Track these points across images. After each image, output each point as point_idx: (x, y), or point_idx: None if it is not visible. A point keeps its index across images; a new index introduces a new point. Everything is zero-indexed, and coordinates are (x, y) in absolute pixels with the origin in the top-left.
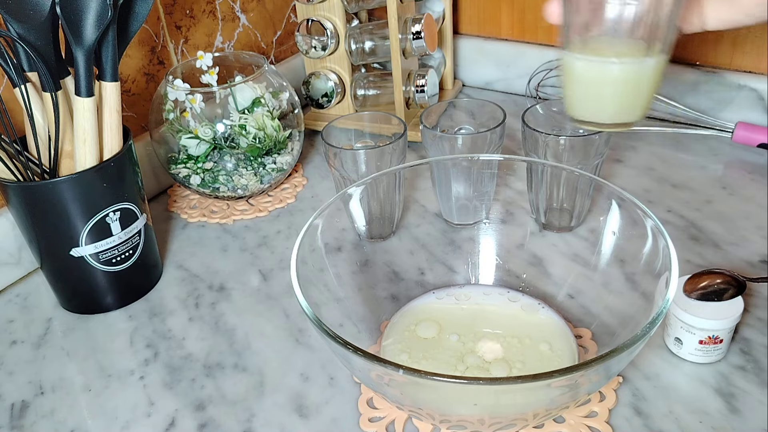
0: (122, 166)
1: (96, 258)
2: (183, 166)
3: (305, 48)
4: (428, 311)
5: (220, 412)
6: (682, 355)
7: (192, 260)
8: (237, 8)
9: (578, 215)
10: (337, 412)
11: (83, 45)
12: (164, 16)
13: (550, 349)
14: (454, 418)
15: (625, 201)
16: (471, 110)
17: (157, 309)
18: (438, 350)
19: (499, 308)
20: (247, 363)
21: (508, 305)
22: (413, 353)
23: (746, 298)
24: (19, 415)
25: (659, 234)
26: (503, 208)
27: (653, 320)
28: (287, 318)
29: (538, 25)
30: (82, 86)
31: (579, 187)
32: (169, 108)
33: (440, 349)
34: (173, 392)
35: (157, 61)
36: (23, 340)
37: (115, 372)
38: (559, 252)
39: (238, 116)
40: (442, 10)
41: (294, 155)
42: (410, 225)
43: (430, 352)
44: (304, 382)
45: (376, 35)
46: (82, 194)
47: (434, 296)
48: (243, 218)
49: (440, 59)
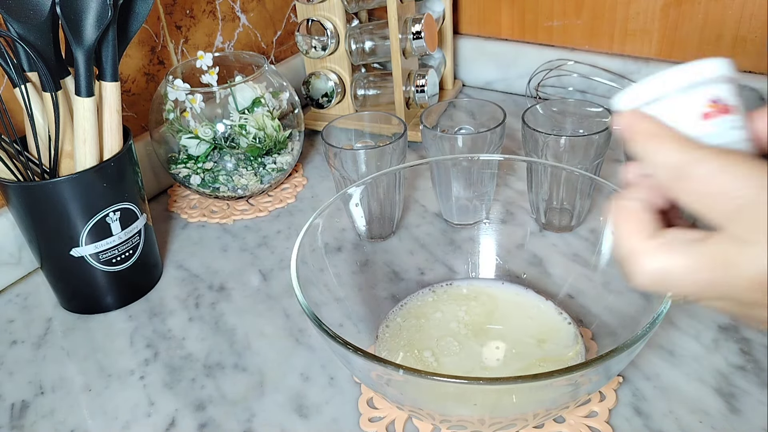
0: (122, 166)
1: (96, 258)
2: (183, 166)
3: (305, 48)
4: (427, 309)
5: (220, 412)
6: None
7: (192, 260)
8: (237, 8)
9: (578, 215)
10: (337, 412)
11: (83, 45)
12: (164, 16)
13: (551, 349)
14: (455, 418)
15: None
16: (471, 110)
17: (157, 309)
18: (439, 350)
19: (503, 306)
20: (247, 363)
21: (510, 303)
22: (413, 352)
23: None
24: (19, 415)
25: None
26: (503, 208)
27: (653, 320)
28: (287, 318)
29: (539, 25)
30: (82, 86)
31: (579, 187)
32: (169, 108)
33: (441, 348)
34: (173, 392)
35: (157, 61)
36: (23, 340)
37: (115, 372)
38: (560, 252)
39: (238, 116)
40: (442, 10)
41: (294, 155)
42: (410, 225)
43: (431, 350)
44: (304, 382)
45: (376, 35)
46: (82, 194)
47: (432, 293)
48: (243, 218)
49: (440, 59)
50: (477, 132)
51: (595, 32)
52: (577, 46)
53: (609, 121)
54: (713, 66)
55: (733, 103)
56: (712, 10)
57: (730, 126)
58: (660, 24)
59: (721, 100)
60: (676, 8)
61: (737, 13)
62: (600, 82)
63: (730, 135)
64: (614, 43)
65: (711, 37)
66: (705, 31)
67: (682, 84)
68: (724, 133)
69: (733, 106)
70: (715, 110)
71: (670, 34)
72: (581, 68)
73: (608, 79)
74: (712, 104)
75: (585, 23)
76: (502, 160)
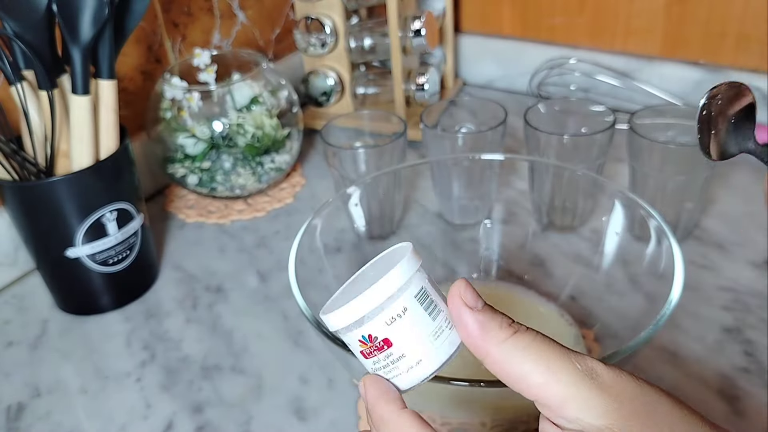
0: (119, 166)
1: (92, 258)
2: (180, 166)
3: (304, 46)
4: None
5: (217, 415)
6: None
7: (189, 261)
8: (235, 5)
9: (581, 215)
10: (337, 415)
11: (80, 42)
12: (161, 13)
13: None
14: (455, 421)
15: (629, 201)
16: (472, 109)
17: (154, 310)
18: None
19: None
20: (245, 365)
21: (512, 305)
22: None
23: (748, 298)
24: (15, 417)
25: (663, 234)
26: (505, 208)
27: (657, 322)
28: (286, 319)
29: (541, 22)
30: (79, 84)
31: (581, 186)
32: (166, 107)
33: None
34: (170, 394)
35: (154, 59)
36: (19, 342)
37: (112, 374)
38: (562, 252)
39: (235, 115)
40: (443, 7)
41: (293, 154)
42: (410, 225)
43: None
44: (302, 384)
45: (375, 33)
46: (79, 194)
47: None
48: (241, 218)
49: (441, 57)
50: (478, 131)
51: (597, 30)
52: (579, 44)
53: (610, 119)
54: (394, 278)
55: (390, 334)
56: (715, 7)
57: (389, 360)
58: (663, 22)
59: (374, 335)
60: (679, 5)
61: (740, 11)
62: (603, 80)
63: (397, 370)
64: (617, 41)
65: (714, 34)
66: (708, 28)
67: (361, 313)
68: (392, 370)
69: (392, 337)
70: (368, 348)
71: (674, 31)
72: (584, 67)
73: (611, 77)
74: (363, 343)
75: (588, 21)
76: (504, 159)
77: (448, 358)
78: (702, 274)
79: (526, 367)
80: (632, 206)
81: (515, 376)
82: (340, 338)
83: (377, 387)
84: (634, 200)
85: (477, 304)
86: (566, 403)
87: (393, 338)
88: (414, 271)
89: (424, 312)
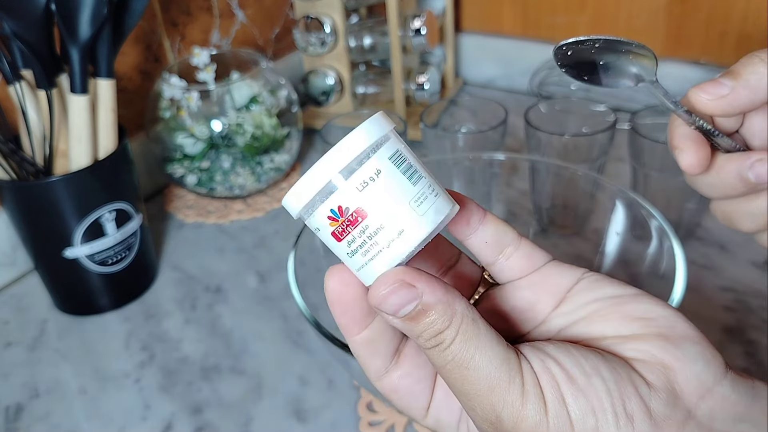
0: (117, 166)
1: (91, 259)
2: (179, 166)
3: (304, 45)
4: None
5: (217, 416)
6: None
7: (188, 261)
8: (234, 5)
9: (581, 215)
10: (336, 415)
11: (78, 42)
12: (160, 12)
13: None
14: None
15: (630, 201)
16: (472, 108)
17: (153, 311)
18: None
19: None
20: (244, 366)
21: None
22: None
23: (749, 299)
24: (13, 418)
25: (664, 234)
26: (505, 208)
27: None
28: (285, 320)
29: (542, 21)
30: (77, 83)
31: (582, 186)
32: (165, 106)
33: None
34: (169, 395)
35: (153, 58)
36: (18, 342)
37: (111, 374)
38: (562, 253)
39: (235, 114)
40: (443, 6)
41: (292, 154)
42: None
43: None
44: (302, 385)
45: (375, 32)
46: (77, 194)
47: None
48: (240, 218)
49: (441, 56)
50: (478, 131)
51: (598, 29)
52: None
53: (611, 119)
54: (357, 138)
55: (362, 204)
56: (716, 7)
57: (364, 241)
58: (664, 21)
59: (344, 206)
60: (680, 5)
61: (741, 10)
62: None
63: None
64: None
65: (715, 34)
66: (709, 28)
67: (325, 179)
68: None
69: (366, 205)
70: (339, 226)
71: (675, 31)
72: None
73: None
74: (332, 219)
75: (589, 20)
76: (504, 159)
77: (435, 227)
78: (703, 274)
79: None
80: (633, 206)
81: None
82: (309, 226)
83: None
84: (636, 200)
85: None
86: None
87: (367, 207)
88: (385, 131)
89: (402, 175)
